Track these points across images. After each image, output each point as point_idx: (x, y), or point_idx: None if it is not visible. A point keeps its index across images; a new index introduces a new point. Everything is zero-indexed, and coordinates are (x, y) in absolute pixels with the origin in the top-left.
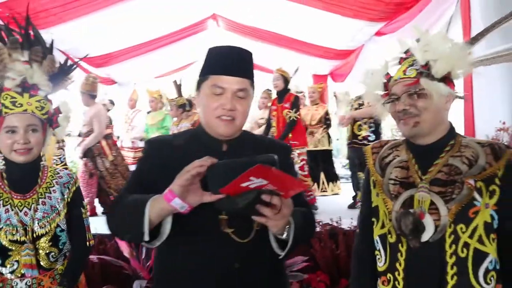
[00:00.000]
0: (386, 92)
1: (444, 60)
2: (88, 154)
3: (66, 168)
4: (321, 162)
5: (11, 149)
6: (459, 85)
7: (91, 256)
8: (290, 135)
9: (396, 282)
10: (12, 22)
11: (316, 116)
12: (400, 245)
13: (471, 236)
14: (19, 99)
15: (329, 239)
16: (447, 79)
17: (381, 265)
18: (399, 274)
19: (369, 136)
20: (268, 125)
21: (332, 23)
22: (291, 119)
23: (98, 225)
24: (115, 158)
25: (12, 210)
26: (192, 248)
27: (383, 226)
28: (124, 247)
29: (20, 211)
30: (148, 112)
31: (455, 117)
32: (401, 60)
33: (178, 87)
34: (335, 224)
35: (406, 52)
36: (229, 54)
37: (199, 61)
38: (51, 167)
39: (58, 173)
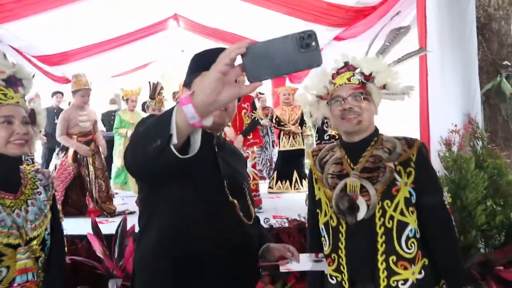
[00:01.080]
0: (325, 95)
1: (384, 73)
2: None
3: (38, 169)
4: (295, 160)
5: (7, 141)
6: (415, 90)
7: None
8: (251, 134)
9: (340, 259)
10: None
11: (294, 116)
12: (340, 227)
13: (395, 210)
14: (8, 92)
15: (298, 234)
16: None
17: (326, 249)
18: (342, 252)
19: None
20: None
21: (293, 26)
22: (256, 119)
23: (69, 225)
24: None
25: (5, 211)
26: (209, 227)
27: (325, 215)
28: (97, 247)
29: (13, 212)
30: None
31: (412, 119)
32: (341, 70)
33: (155, 88)
34: (303, 219)
35: (345, 64)
36: (218, 53)
37: (158, 61)
38: (24, 167)
39: (36, 175)
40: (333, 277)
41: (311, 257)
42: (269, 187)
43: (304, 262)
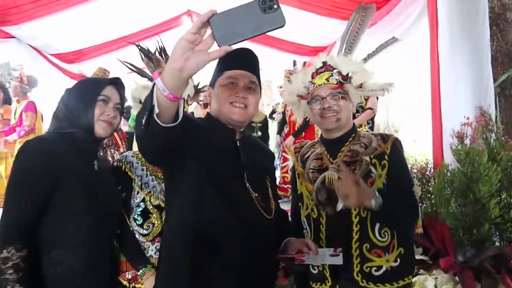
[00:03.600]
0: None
1: (360, 73)
2: None
3: None
4: None
5: None
6: (428, 85)
7: None
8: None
9: None
10: None
11: None
12: (321, 218)
13: None
14: None
15: None
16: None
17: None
18: (322, 242)
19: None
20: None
21: (306, 21)
22: (307, 119)
23: None
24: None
25: (156, 180)
26: (225, 218)
27: (307, 208)
28: None
29: (162, 182)
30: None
31: (424, 113)
32: (320, 70)
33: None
34: None
35: (324, 64)
36: (241, 52)
37: None
38: None
39: None
40: (315, 267)
41: (329, 251)
42: None
43: (320, 256)
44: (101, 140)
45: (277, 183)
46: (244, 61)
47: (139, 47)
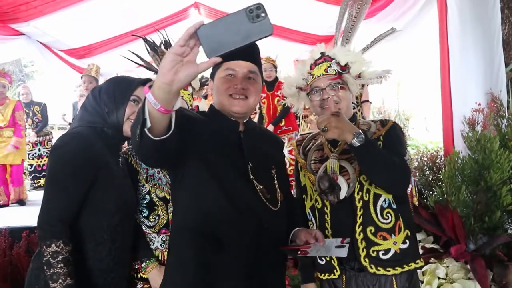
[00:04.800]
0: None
1: (358, 63)
2: None
3: None
4: None
5: None
6: (437, 72)
7: None
8: (283, 121)
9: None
10: None
11: None
12: (325, 208)
13: (370, 184)
14: None
15: None
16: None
17: None
18: (328, 232)
19: None
20: (261, 113)
21: (313, 9)
22: (286, 106)
23: None
24: None
25: (162, 172)
26: (227, 210)
27: (311, 199)
28: None
29: (168, 175)
30: None
31: (436, 100)
32: (318, 61)
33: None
34: None
35: (322, 55)
36: None
37: None
38: None
39: None
40: (322, 258)
41: (336, 242)
42: None
43: (325, 248)
44: (128, 138)
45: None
46: (242, 51)
47: (145, 40)
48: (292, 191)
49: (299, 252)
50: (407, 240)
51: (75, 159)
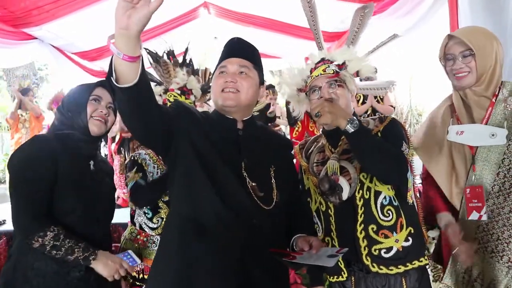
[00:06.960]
0: (304, 87)
1: (356, 60)
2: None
3: None
4: None
5: None
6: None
7: None
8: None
9: (333, 241)
10: None
11: None
12: (329, 210)
13: (370, 181)
14: (181, 98)
15: None
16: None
17: (320, 234)
18: (333, 234)
19: None
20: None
21: (323, 6)
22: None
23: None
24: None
25: None
26: (217, 205)
27: (315, 202)
28: None
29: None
30: None
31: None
32: (318, 64)
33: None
34: None
35: (322, 60)
36: (230, 42)
37: (192, 50)
38: None
39: None
40: None
41: (332, 251)
42: None
43: (318, 255)
44: (98, 139)
45: None
46: (233, 49)
47: (148, 51)
48: None
49: (284, 257)
50: (410, 238)
51: (31, 160)
